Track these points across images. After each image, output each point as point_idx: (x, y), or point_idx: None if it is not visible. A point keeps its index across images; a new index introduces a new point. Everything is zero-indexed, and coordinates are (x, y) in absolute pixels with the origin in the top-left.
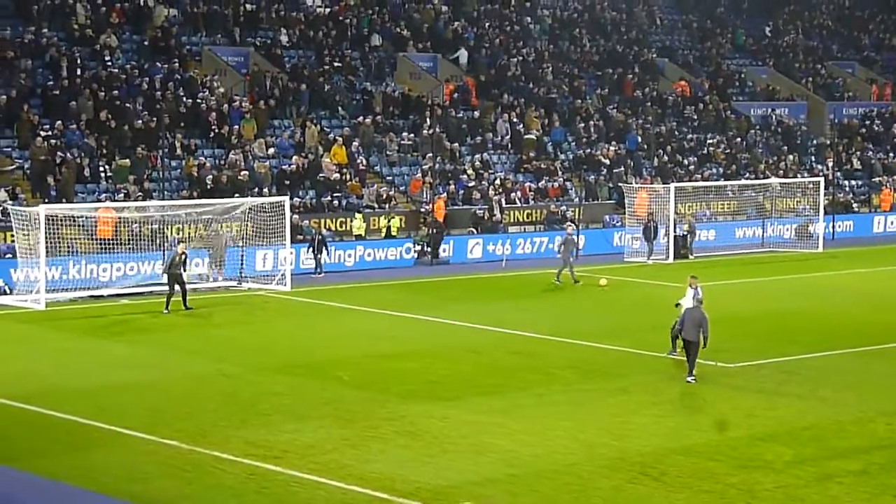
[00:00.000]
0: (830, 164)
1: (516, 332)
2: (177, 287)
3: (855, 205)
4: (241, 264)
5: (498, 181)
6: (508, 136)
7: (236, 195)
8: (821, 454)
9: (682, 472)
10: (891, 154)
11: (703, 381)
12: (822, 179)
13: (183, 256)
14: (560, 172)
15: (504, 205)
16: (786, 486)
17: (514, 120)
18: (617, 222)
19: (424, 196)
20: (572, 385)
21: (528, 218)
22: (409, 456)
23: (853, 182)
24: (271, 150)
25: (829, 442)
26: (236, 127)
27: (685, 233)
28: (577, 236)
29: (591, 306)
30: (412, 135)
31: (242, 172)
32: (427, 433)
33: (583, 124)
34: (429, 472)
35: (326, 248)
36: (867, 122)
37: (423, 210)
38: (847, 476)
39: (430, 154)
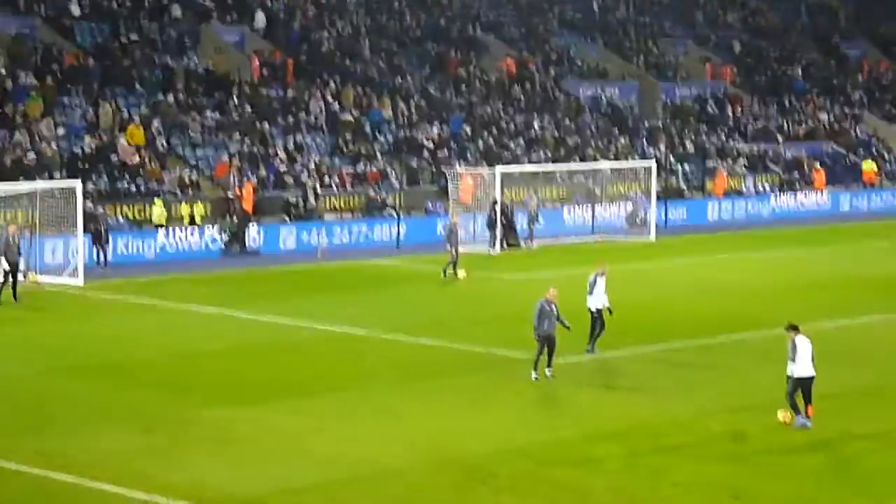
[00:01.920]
0: (663, 148)
1: (335, 328)
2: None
3: (688, 190)
4: (27, 256)
5: (312, 165)
6: (323, 117)
7: (22, 179)
8: (654, 452)
9: (513, 474)
10: (724, 137)
11: (531, 378)
12: (653, 163)
13: (16, 238)
14: (379, 156)
15: (319, 190)
16: (618, 487)
17: (330, 99)
18: (440, 209)
19: (232, 181)
20: (397, 384)
21: (345, 205)
22: (219, 463)
23: (686, 166)
24: (61, 131)
25: (662, 440)
26: (21, 105)
27: (529, 220)
28: (455, 223)
29: (414, 300)
30: (218, 114)
31: (29, 155)
32: (238, 438)
33: (403, 104)
34: (241, 479)
35: (108, 239)
36: (701, 104)
37: (230, 196)
38: (681, 475)
39: (238, 135)
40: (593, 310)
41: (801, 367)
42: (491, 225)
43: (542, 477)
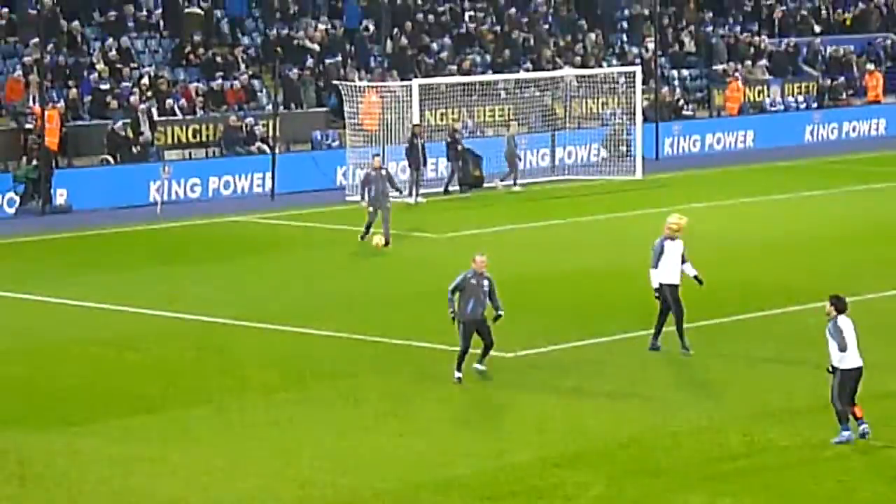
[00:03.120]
0: (651, 46)
1: (183, 314)
2: None
3: (688, 107)
4: None
5: (146, 80)
6: (160, 11)
7: None
8: (648, 483)
9: None
10: (739, 28)
11: (468, 377)
12: (638, 70)
13: None
14: (242, 66)
15: (157, 118)
16: None
17: None
18: (334, 141)
19: (29, 107)
20: (275, 393)
21: (194, 137)
22: None
23: (686, 72)
24: None
25: (659, 462)
26: None
27: (509, 154)
28: (388, 171)
29: (298, 274)
30: (6, 9)
31: None
32: (46, 476)
33: None
34: None
35: None
36: None
37: (26, 128)
38: None
39: (37, 39)
40: (661, 285)
41: (850, 355)
42: (413, 162)
43: None
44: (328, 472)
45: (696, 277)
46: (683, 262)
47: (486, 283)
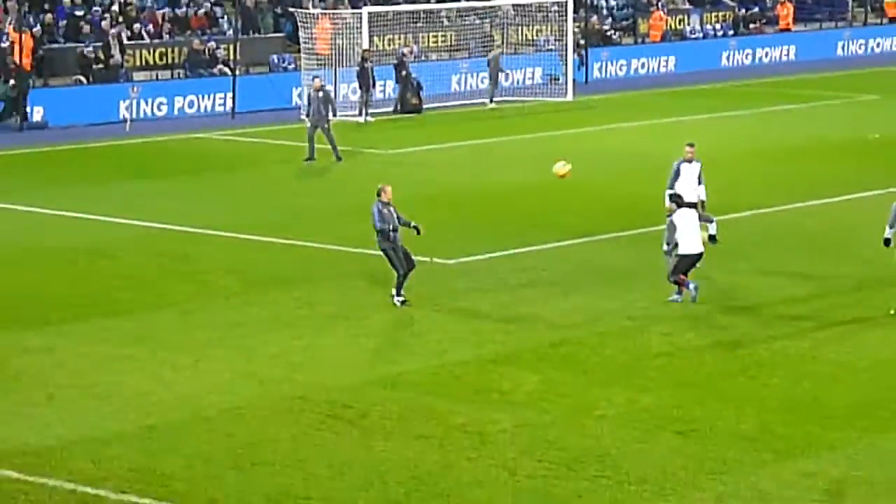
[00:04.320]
0: None
1: (150, 224)
2: None
3: (615, 34)
4: None
5: (116, 6)
6: None
7: None
8: (576, 379)
9: (389, 411)
10: None
11: (413, 284)
12: None
13: None
14: None
15: (126, 41)
16: (530, 424)
17: None
18: (290, 64)
19: (4, 29)
20: (235, 297)
21: (161, 60)
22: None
23: (613, 2)
24: None
25: (586, 362)
26: None
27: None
28: (326, 93)
29: (257, 187)
30: None
31: None
32: (25, 374)
33: None
34: (28, 428)
35: None
36: None
37: (2, 49)
38: (612, 407)
39: None
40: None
41: (689, 241)
42: (363, 84)
43: (429, 414)
44: (284, 370)
45: (701, 202)
46: (700, 183)
47: (393, 211)
